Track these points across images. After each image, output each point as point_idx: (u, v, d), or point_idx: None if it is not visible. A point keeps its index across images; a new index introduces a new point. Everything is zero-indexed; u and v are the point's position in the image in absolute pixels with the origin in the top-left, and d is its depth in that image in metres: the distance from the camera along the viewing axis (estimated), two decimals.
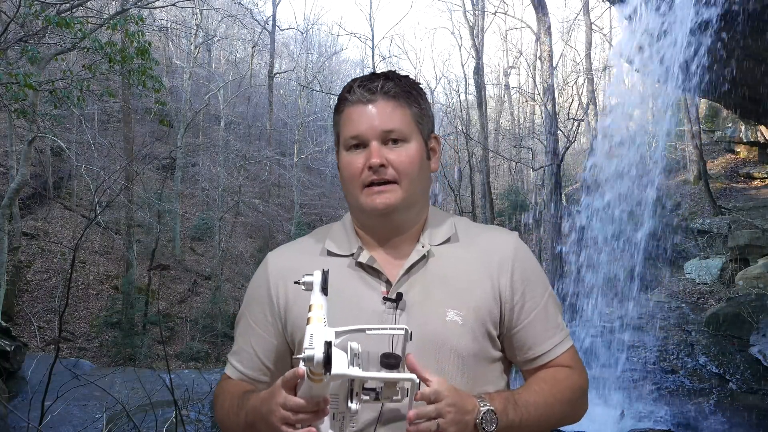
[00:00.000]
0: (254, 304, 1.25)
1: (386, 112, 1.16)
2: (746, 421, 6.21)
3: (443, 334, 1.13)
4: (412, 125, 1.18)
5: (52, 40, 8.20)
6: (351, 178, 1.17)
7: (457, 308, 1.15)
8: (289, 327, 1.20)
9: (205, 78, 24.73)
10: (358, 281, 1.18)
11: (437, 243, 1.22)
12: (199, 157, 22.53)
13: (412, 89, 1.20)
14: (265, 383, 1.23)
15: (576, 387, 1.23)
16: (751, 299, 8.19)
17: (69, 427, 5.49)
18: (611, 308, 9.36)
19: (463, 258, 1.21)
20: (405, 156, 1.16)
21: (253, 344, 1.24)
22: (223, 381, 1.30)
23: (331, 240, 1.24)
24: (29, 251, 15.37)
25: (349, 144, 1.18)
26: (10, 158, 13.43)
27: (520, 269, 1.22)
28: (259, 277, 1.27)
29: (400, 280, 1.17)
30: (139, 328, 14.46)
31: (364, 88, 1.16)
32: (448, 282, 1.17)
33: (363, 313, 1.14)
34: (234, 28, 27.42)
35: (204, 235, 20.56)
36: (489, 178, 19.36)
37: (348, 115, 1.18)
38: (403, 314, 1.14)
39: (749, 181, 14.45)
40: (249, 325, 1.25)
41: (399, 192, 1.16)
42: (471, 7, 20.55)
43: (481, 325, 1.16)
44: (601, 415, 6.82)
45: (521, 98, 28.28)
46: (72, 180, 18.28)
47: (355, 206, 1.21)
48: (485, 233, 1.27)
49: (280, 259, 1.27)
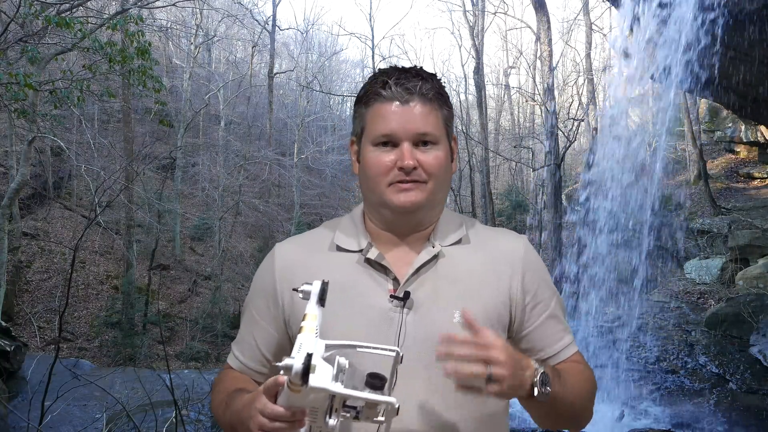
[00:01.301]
0: (259, 296, 1.25)
1: (421, 114, 1.15)
2: (746, 421, 6.20)
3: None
4: (442, 129, 1.19)
5: (52, 40, 8.20)
6: (378, 175, 1.16)
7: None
8: (292, 321, 1.20)
9: (205, 78, 24.73)
10: (366, 277, 1.17)
11: (448, 244, 1.21)
12: (199, 157, 22.52)
13: (443, 91, 1.20)
14: (265, 375, 1.24)
15: (593, 381, 1.24)
16: (751, 299, 8.19)
17: (69, 427, 5.49)
18: (611, 308, 9.36)
19: (473, 260, 1.20)
20: (434, 159, 1.16)
21: (255, 335, 1.24)
22: (224, 370, 1.30)
23: (340, 234, 1.24)
24: (29, 251, 15.36)
25: (378, 140, 1.16)
26: (10, 158, 13.42)
27: (530, 272, 1.22)
28: (266, 269, 1.26)
29: (409, 279, 1.16)
30: (139, 328, 14.46)
31: (402, 87, 1.15)
32: (457, 283, 1.17)
33: (369, 310, 1.13)
34: (234, 28, 27.41)
35: (204, 235, 20.55)
36: (489, 178, 19.37)
37: (379, 111, 1.16)
38: (410, 313, 1.14)
39: (749, 181, 14.46)
40: (252, 316, 1.25)
41: (425, 191, 1.16)
42: (471, 7, 20.57)
43: (489, 328, 1.14)
44: (601, 415, 6.82)
45: (521, 98, 28.28)
46: (72, 180, 18.28)
47: (377, 201, 1.19)
48: (495, 236, 1.27)
49: (288, 252, 1.26)
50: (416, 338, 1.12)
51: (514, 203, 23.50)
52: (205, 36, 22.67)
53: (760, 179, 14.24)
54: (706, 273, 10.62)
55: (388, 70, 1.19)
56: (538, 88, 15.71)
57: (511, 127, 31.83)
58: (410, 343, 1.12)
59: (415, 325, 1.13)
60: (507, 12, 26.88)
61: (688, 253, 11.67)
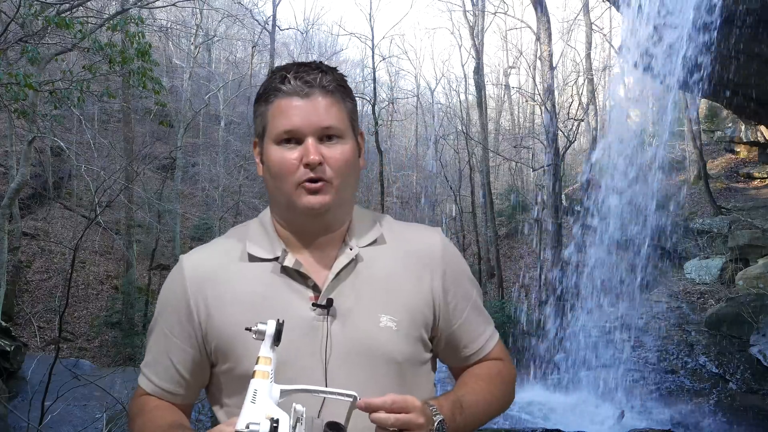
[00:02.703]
0: (169, 313, 1.16)
1: (324, 107, 1.09)
2: (746, 421, 6.21)
3: (377, 341, 1.10)
4: (347, 122, 1.13)
5: (52, 41, 8.19)
6: (283, 175, 1.10)
7: (390, 313, 1.12)
8: (209, 337, 1.13)
9: (205, 78, 24.73)
10: (284, 287, 1.12)
11: (364, 245, 1.17)
12: (199, 157, 22.54)
13: (345, 84, 1.15)
14: (182, 395, 1.18)
15: (508, 380, 1.25)
16: (751, 299, 8.19)
17: (69, 427, 5.49)
18: (612, 308, 9.36)
19: (392, 261, 1.17)
20: (340, 154, 1.10)
21: (171, 355, 1.16)
22: (139, 397, 1.21)
23: (251, 242, 1.16)
24: (29, 251, 15.37)
25: (280, 138, 1.10)
26: (10, 158, 13.43)
27: (450, 269, 1.20)
28: (174, 283, 1.17)
29: (329, 285, 1.11)
30: (139, 328, 14.45)
31: (301, 80, 1.09)
32: (379, 286, 1.14)
33: (292, 321, 1.06)
34: (234, 28, 27.42)
35: (204, 235, 20.54)
36: (489, 178, 19.37)
37: (280, 107, 1.10)
38: (335, 321, 1.10)
39: (749, 181, 14.46)
40: (164, 335, 1.17)
41: (333, 191, 1.10)
42: (471, 7, 20.56)
43: (415, 330, 1.14)
44: (601, 415, 6.82)
45: (521, 98, 28.28)
46: (72, 180, 18.29)
47: (283, 204, 1.13)
48: (409, 232, 1.24)
49: (197, 263, 1.17)
50: (343, 346, 1.09)
51: (514, 203, 23.50)
52: (205, 36, 22.67)
53: (760, 179, 14.24)
54: (706, 273, 10.62)
55: (287, 66, 1.14)
56: (538, 88, 15.71)
57: (511, 127, 31.81)
58: (337, 352, 1.09)
59: (340, 333, 1.09)
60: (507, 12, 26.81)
61: (688, 253, 11.67)
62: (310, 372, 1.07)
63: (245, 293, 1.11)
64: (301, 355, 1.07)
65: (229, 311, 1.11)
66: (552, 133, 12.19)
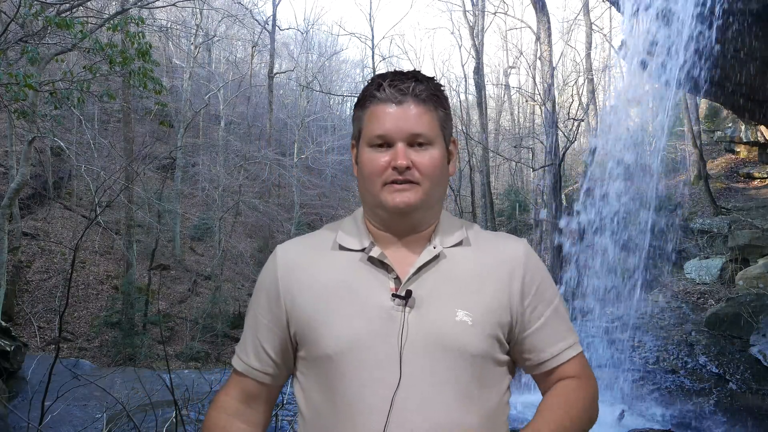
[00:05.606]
0: (262, 297, 1.26)
1: (415, 115, 1.17)
2: (746, 421, 6.20)
3: (452, 333, 1.14)
4: (437, 130, 1.20)
5: (52, 41, 8.19)
6: (373, 175, 1.18)
7: (467, 309, 1.16)
8: (292, 320, 1.21)
9: (205, 78, 24.74)
10: (368, 276, 1.18)
11: (449, 245, 1.23)
12: (199, 157, 22.55)
13: (439, 93, 1.22)
14: (270, 375, 1.26)
15: (589, 398, 1.26)
16: (751, 299, 8.19)
17: (69, 427, 5.49)
18: (612, 308, 9.36)
19: (474, 261, 1.22)
20: (428, 159, 1.18)
21: (260, 336, 1.25)
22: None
23: (342, 233, 1.25)
24: (29, 251, 15.37)
25: (373, 142, 1.18)
26: (10, 158, 13.42)
27: (530, 274, 1.23)
28: (267, 270, 1.27)
29: (410, 278, 1.17)
30: (139, 328, 14.46)
31: (395, 88, 1.17)
32: (458, 283, 1.18)
33: (371, 308, 1.14)
34: (234, 28, 27.43)
35: (204, 235, 20.56)
36: (489, 178, 19.38)
37: (375, 113, 1.18)
38: (412, 312, 1.15)
39: (749, 181, 14.46)
40: (256, 317, 1.27)
41: (419, 192, 1.17)
42: (471, 7, 20.58)
43: (490, 328, 1.17)
44: (601, 415, 6.81)
45: (521, 98, 28.28)
46: (72, 180, 18.29)
47: (372, 202, 1.21)
48: (495, 240, 1.28)
49: (290, 252, 1.27)
50: (418, 336, 1.13)
51: (514, 203, 23.50)
52: (205, 36, 22.68)
53: (760, 179, 14.24)
54: (706, 273, 10.62)
55: (384, 74, 1.21)
56: (538, 88, 15.71)
57: (511, 127, 31.83)
58: (412, 340, 1.13)
59: (416, 323, 1.14)
60: (507, 12, 26.86)
61: (688, 253, 11.67)
62: (384, 357, 1.12)
63: (330, 279, 1.19)
64: (378, 341, 1.12)
65: (312, 295, 1.19)
66: (552, 134, 12.19)
